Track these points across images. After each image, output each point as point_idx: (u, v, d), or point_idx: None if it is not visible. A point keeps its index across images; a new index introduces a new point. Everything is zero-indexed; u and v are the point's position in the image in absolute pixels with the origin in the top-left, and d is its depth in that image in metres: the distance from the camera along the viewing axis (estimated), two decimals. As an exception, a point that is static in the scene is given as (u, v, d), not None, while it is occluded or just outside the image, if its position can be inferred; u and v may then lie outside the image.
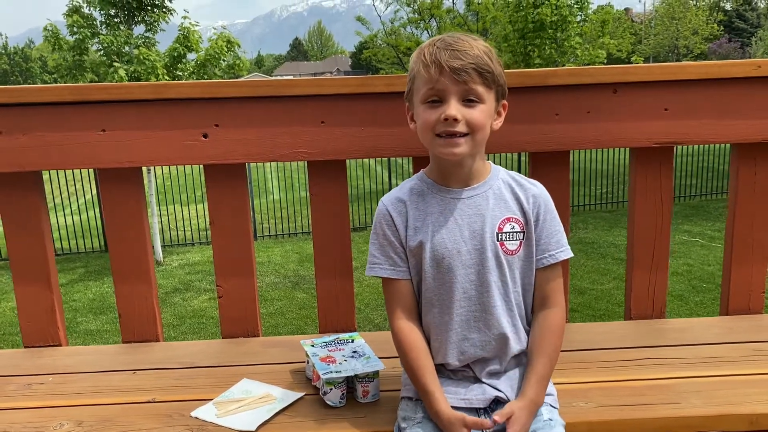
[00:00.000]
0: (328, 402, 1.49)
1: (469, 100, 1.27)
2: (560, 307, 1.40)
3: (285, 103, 1.75)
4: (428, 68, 1.26)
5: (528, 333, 1.40)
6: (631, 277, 1.93)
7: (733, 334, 1.81)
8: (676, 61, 31.09)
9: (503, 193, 1.38)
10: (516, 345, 1.37)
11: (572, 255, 1.41)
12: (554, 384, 1.45)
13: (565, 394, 1.48)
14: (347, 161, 1.84)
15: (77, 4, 9.17)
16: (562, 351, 1.40)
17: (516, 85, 1.74)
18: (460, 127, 1.27)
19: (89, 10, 9.20)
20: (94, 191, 10.46)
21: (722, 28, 32.30)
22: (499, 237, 1.34)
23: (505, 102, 1.37)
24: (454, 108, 1.26)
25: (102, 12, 9.17)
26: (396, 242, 1.38)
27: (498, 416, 1.26)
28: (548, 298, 1.39)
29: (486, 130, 1.32)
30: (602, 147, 1.83)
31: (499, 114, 1.37)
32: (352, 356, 1.57)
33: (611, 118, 1.77)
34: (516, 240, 1.35)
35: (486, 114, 1.30)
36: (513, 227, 1.35)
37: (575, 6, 14.86)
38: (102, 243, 10.02)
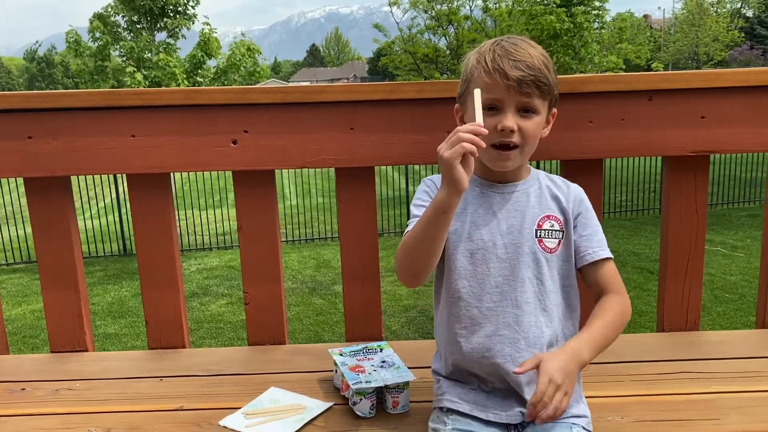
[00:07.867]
0: (358, 412, 1.47)
1: (525, 110, 1.28)
2: (621, 294, 1.34)
3: (314, 110, 1.74)
4: (491, 75, 1.26)
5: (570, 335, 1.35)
6: (664, 288, 1.89)
7: (771, 348, 1.76)
8: (696, 68, 30.77)
9: (543, 192, 1.39)
10: (549, 343, 1.32)
11: (612, 257, 1.38)
12: (587, 397, 1.41)
13: (599, 408, 1.44)
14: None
15: (102, 11, 9.31)
16: (593, 363, 1.34)
17: (549, 92, 1.71)
18: (515, 138, 1.28)
19: (114, 16, 9.33)
20: (113, 195, 10.55)
21: (743, 35, 31.85)
22: (538, 234, 1.33)
23: (555, 110, 1.38)
24: (511, 119, 1.27)
25: (125, 18, 9.30)
26: None
27: (518, 368, 1.17)
28: (605, 287, 1.34)
29: (536, 141, 1.33)
30: (636, 155, 1.79)
31: (548, 122, 1.37)
32: (382, 366, 1.55)
33: (646, 125, 1.73)
34: (555, 238, 1.35)
35: (539, 125, 1.31)
36: (552, 225, 1.35)
37: (593, 13, 14.72)
38: (121, 247, 10.09)
